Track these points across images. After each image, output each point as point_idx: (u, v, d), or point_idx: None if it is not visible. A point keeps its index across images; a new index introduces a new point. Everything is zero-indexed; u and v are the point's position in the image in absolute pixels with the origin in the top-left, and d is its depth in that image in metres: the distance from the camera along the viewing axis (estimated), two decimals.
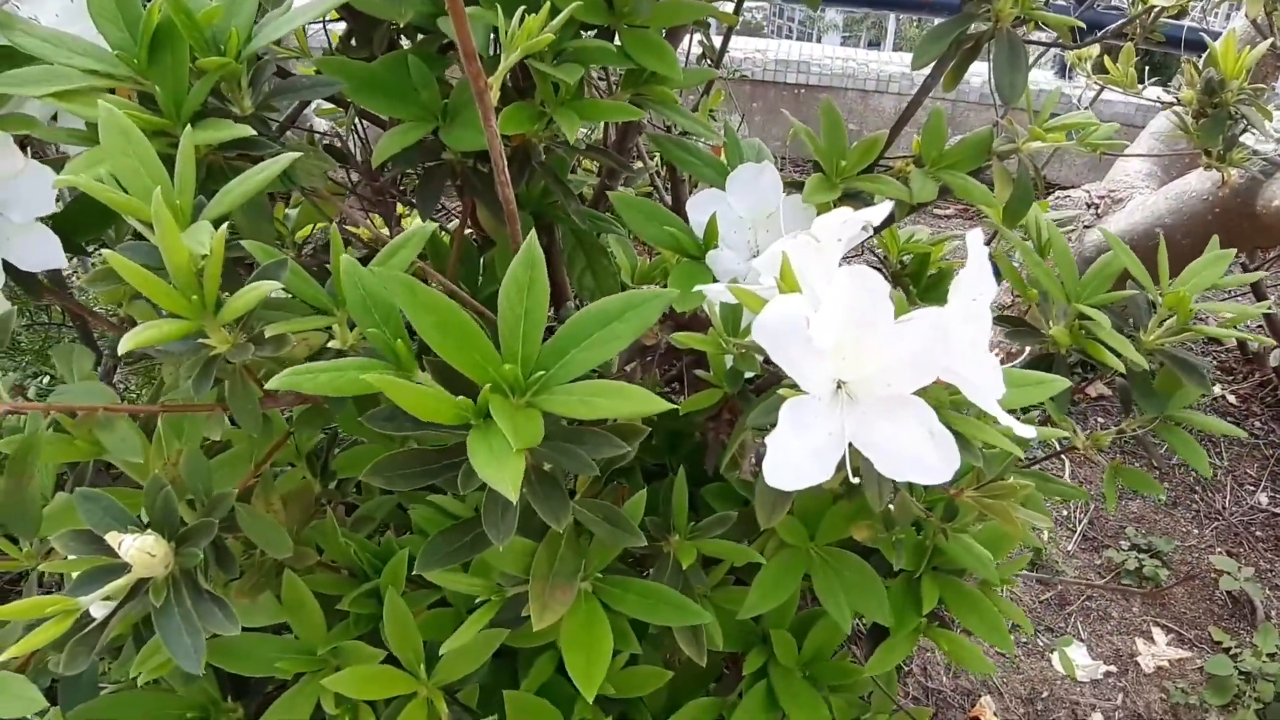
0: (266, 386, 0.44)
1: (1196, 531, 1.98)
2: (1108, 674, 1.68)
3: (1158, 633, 1.77)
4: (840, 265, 0.55)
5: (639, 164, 1.21)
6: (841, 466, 0.50)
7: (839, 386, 0.52)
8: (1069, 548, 1.92)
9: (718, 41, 1.26)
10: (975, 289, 0.55)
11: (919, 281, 1.08)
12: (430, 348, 0.52)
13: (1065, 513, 2.03)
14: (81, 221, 0.75)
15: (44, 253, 0.70)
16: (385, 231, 1.06)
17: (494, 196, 0.78)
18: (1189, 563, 1.93)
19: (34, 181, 0.69)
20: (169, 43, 0.61)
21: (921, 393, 0.52)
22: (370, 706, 0.67)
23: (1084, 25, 0.75)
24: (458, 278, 0.91)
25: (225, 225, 0.48)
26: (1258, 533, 1.99)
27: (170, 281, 0.48)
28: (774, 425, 0.50)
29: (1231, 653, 1.74)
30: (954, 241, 1.13)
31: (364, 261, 1.05)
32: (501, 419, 0.43)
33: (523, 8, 0.55)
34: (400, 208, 1.11)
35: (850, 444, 0.51)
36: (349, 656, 0.69)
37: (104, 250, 0.47)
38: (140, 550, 0.48)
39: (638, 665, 0.77)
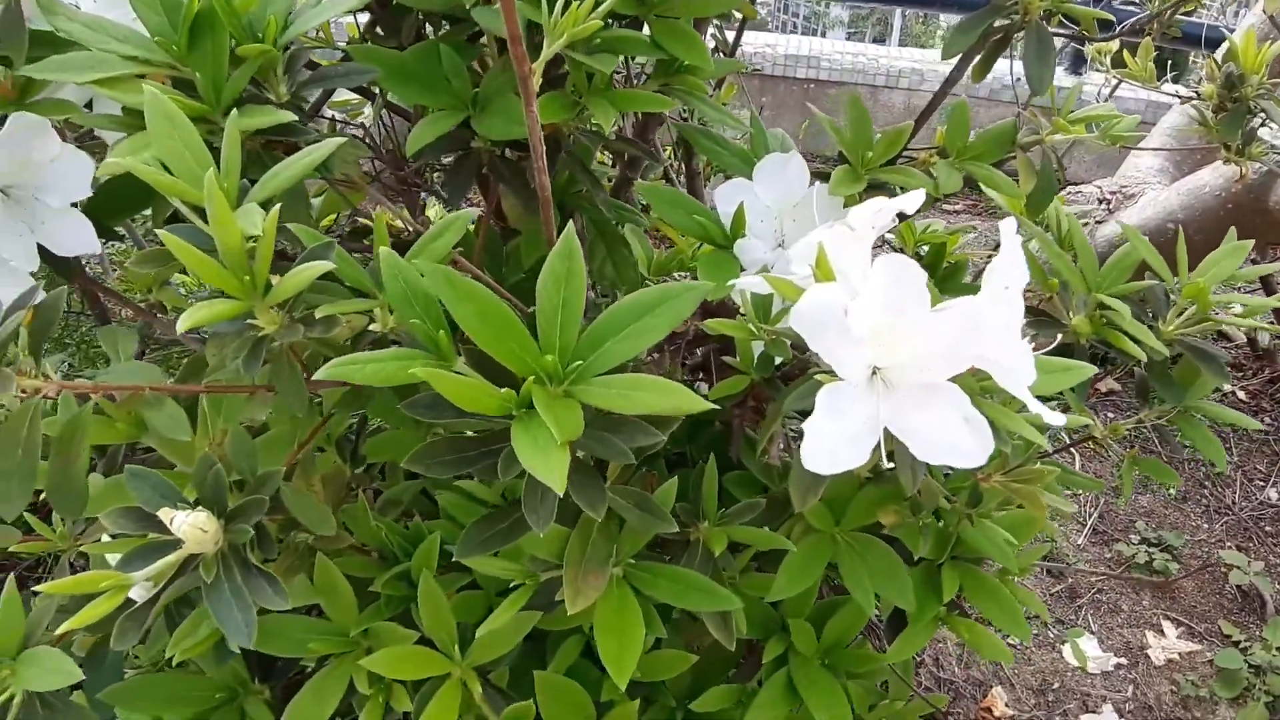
0: (314, 378, 0.45)
1: (1206, 526, 1.99)
2: (1118, 666, 1.70)
3: (1168, 626, 1.78)
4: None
5: None
6: (876, 451, 0.51)
7: (874, 373, 0.53)
8: (1079, 541, 1.93)
9: (729, 35, 1.26)
10: (1008, 276, 0.55)
11: (935, 272, 1.08)
12: (465, 337, 0.53)
13: (1075, 507, 2.04)
14: (110, 206, 0.76)
15: (78, 237, 0.71)
16: (406, 216, 1.07)
17: (521, 185, 0.79)
18: (1199, 557, 1.94)
19: (70, 166, 0.70)
20: (209, 29, 0.62)
21: (953, 379, 0.52)
22: (404, 687, 0.68)
23: (1112, 18, 0.76)
24: (482, 266, 0.91)
25: (277, 207, 0.49)
26: (1267, 528, 2.00)
27: (221, 262, 0.49)
28: (810, 411, 0.51)
29: (1241, 646, 1.76)
30: (968, 234, 1.14)
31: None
32: (545, 412, 0.44)
33: None
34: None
35: (884, 429, 0.52)
36: (381, 638, 0.70)
37: (159, 230, 0.48)
38: (193, 526, 0.49)
39: (661, 650, 0.78)
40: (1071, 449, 2.01)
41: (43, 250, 0.70)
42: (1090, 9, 0.72)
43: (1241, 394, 2.26)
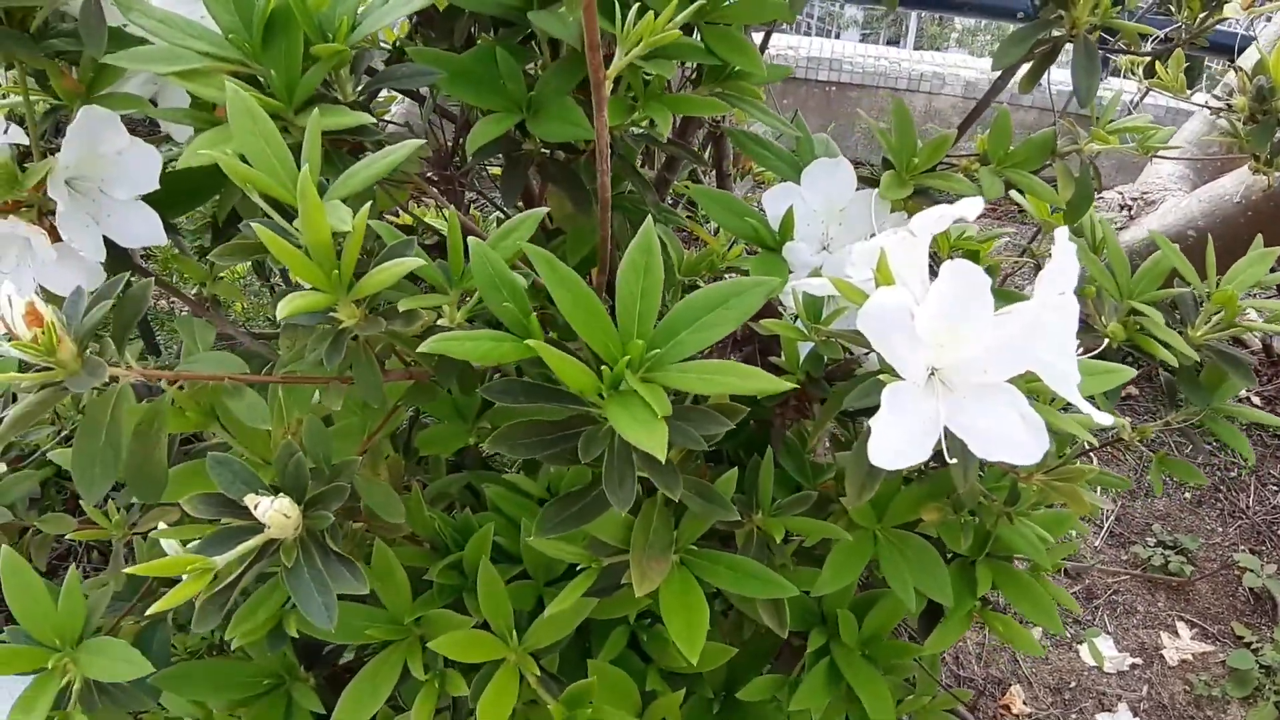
0: (420, 350, 0.47)
1: (1221, 529, 2.01)
2: (1134, 666, 1.72)
3: (1182, 627, 1.81)
4: None
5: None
6: (937, 447, 0.53)
7: (931, 373, 0.55)
8: (1096, 543, 1.95)
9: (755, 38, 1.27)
10: (1061, 282, 0.57)
11: None
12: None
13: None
14: (169, 200, 0.77)
15: (144, 229, 0.73)
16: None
17: (571, 185, 0.81)
18: (1213, 560, 1.96)
19: (139, 159, 0.71)
20: (284, 28, 0.63)
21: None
22: (458, 672, 0.70)
23: (1154, 31, 0.77)
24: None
25: (367, 206, 0.50)
26: None
27: (308, 256, 0.51)
28: (871, 409, 0.53)
29: (1253, 647, 1.78)
30: (999, 240, 1.16)
31: (432, 250, 1.08)
32: (642, 389, 0.46)
33: (637, 5, 0.57)
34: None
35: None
36: (435, 625, 0.72)
37: (252, 223, 0.50)
38: (277, 511, 0.51)
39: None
40: (1090, 454, 2.04)
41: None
42: (1133, 24, 0.74)
43: (1256, 399, 2.28)
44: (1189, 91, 1.06)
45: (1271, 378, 2.30)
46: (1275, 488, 2.11)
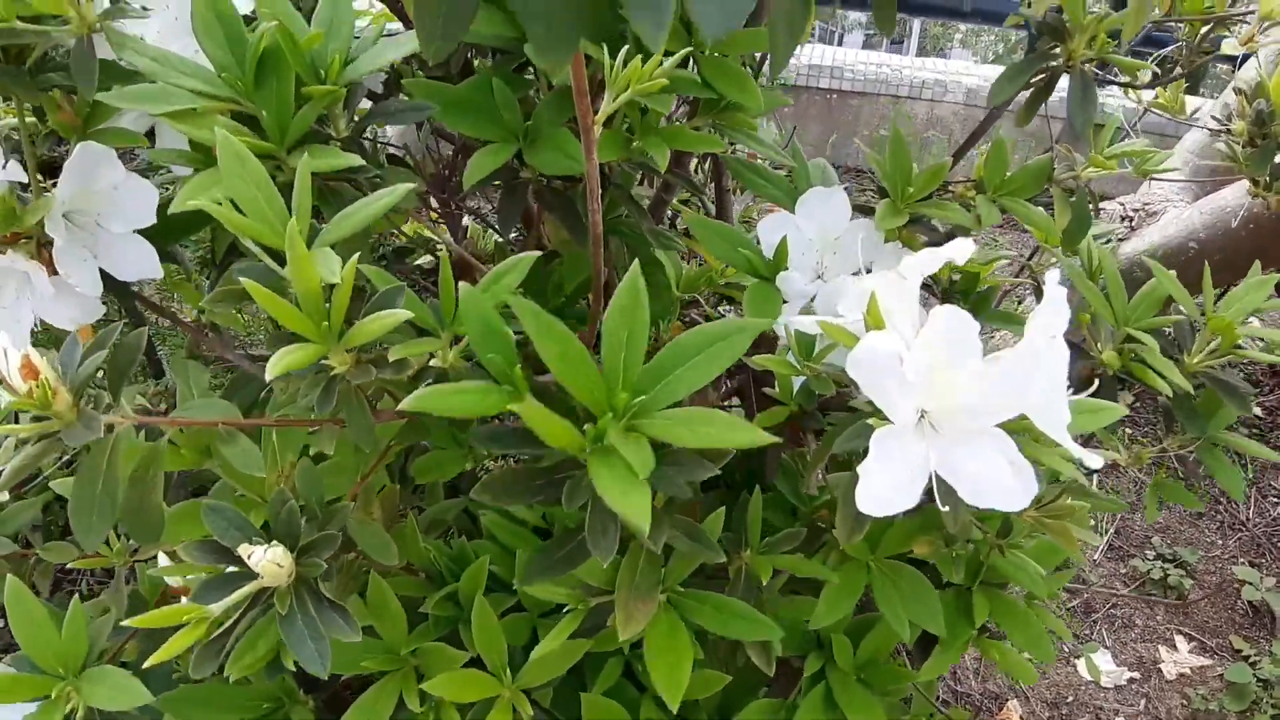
0: (400, 408, 0.47)
1: (1220, 542, 2.01)
2: (1131, 680, 1.72)
3: (1180, 641, 1.80)
4: None
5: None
6: (926, 492, 0.53)
7: (921, 416, 0.55)
8: (1095, 557, 1.95)
9: None
10: (1052, 325, 0.57)
11: (968, 298, 1.10)
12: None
13: (1092, 522, 2.06)
14: (164, 230, 0.77)
15: (141, 263, 0.73)
16: (449, 239, 1.09)
17: (567, 214, 0.81)
18: (1213, 572, 1.96)
19: (134, 194, 0.71)
20: (275, 68, 0.63)
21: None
22: (453, 706, 0.70)
23: (1158, 71, 0.77)
24: (526, 292, 0.93)
25: (355, 257, 0.50)
26: None
27: (298, 307, 0.51)
28: (859, 453, 0.53)
29: (1251, 661, 1.78)
30: (1001, 261, 1.16)
31: (427, 274, 1.06)
32: (623, 449, 0.46)
33: (626, 48, 0.57)
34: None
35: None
36: (430, 658, 0.72)
37: (240, 278, 0.50)
38: (271, 561, 0.51)
39: (697, 669, 0.80)
40: (1094, 471, 2.03)
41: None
42: (1130, 60, 0.74)
43: (1258, 410, 2.28)
44: (1190, 114, 1.05)
45: (1273, 388, 2.29)
46: (1275, 500, 2.10)
